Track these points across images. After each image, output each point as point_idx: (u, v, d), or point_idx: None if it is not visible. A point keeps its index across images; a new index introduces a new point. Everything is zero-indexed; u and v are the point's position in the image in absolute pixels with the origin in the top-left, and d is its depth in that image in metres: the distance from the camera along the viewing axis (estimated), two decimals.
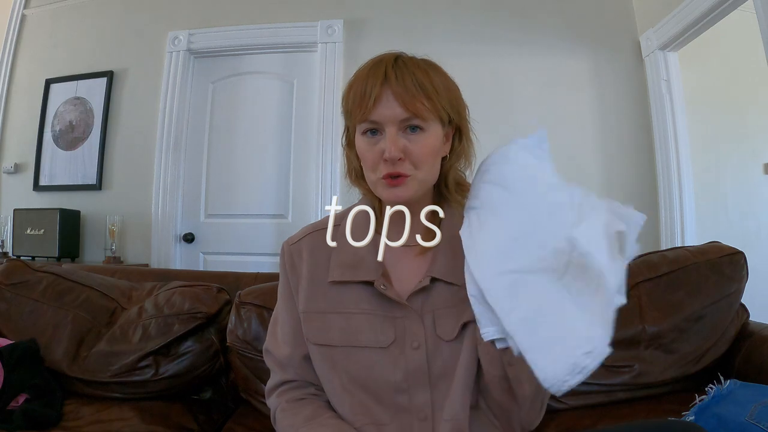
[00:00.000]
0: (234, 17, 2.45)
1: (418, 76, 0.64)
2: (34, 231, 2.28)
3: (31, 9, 2.72)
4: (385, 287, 0.68)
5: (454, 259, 0.70)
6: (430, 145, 0.65)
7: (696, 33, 1.96)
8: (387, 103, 0.63)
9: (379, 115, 0.64)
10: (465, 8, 2.32)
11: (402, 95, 0.63)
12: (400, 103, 0.63)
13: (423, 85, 0.64)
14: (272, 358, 0.76)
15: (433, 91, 0.65)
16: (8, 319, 1.27)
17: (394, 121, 0.64)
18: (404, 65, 0.65)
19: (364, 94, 0.64)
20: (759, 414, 0.86)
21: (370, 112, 0.64)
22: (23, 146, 2.61)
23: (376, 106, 0.63)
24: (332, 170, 2.26)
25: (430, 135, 0.65)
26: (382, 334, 0.68)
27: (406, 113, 0.63)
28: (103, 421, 1.06)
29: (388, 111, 0.63)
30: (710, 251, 1.25)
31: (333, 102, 2.31)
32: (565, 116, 2.24)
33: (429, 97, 0.64)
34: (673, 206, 2.08)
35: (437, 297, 0.69)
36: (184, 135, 2.45)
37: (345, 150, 0.76)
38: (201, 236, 2.43)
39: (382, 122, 0.64)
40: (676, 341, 1.16)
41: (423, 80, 0.64)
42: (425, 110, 0.64)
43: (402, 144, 0.64)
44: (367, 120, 0.65)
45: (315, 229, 0.77)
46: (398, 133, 0.64)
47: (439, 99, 0.65)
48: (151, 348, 1.19)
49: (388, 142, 0.63)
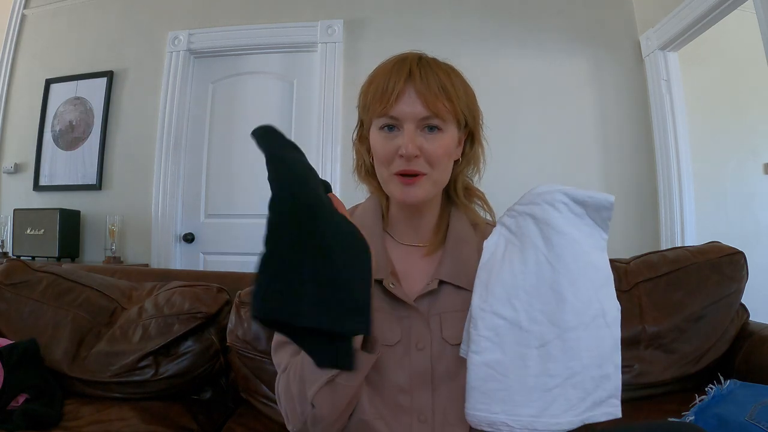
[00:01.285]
0: (234, 17, 2.45)
1: (441, 77, 0.65)
2: (34, 231, 2.28)
3: (31, 9, 2.72)
4: (394, 285, 0.68)
5: (461, 263, 0.71)
6: (446, 146, 0.66)
7: (696, 33, 1.96)
8: (409, 100, 0.64)
9: (400, 112, 0.64)
10: (465, 8, 2.32)
11: (425, 94, 0.64)
12: (422, 102, 0.64)
13: (445, 87, 0.65)
14: (281, 353, 0.72)
15: (454, 94, 0.66)
16: (8, 319, 1.27)
17: (413, 118, 0.64)
18: (428, 65, 0.66)
19: (386, 89, 0.64)
20: (759, 414, 0.86)
21: (391, 108, 0.64)
22: (23, 146, 2.61)
23: (398, 102, 0.64)
24: (332, 170, 2.26)
25: (447, 136, 0.66)
26: (389, 332, 0.68)
27: (427, 112, 0.64)
28: (103, 421, 1.06)
29: (408, 108, 0.64)
30: (710, 251, 1.25)
31: (333, 102, 2.31)
32: (565, 116, 2.24)
33: (450, 99, 0.65)
34: (673, 206, 2.08)
35: (445, 299, 0.69)
36: (184, 135, 2.45)
37: (355, 145, 0.76)
38: (201, 236, 2.43)
39: (402, 119, 0.64)
40: (676, 341, 1.16)
41: (445, 82, 0.65)
42: (445, 111, 0.65)
43: (419, 142, 0.64)
44: (387, 115, 0.65)
45: None
46: (416, 131, 0.65)
47: (459, 102, 0.66)
48: (151, 348, 1.19)
49: (405, 139, 0.64)
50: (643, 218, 2.16)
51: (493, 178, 0.82)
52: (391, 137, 0.66)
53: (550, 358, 0.55)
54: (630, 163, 2.20)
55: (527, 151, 2.20)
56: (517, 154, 2.18)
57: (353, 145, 0.77)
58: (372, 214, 0.75)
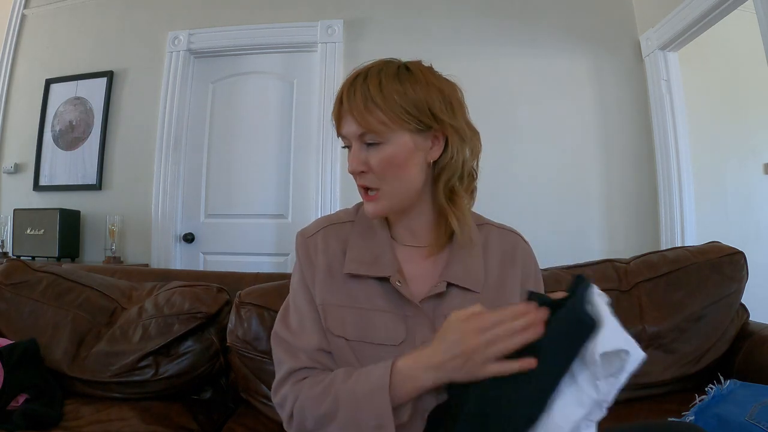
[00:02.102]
0: (234, 17, 2.45)
1: (371, 90, 0.65)
2: (34, 231, 2.28)
3: (31, 9, 2.72)
4: (401, 283, 0.69)
5: (468, 265, 0.71)
6: (389, 157, 0.66)
7: (696, 33, 1.96)
8: (345, 120, 0.68)
9: (345, 132, 0.69)
10: (465, 9, 2.32)
11: (353, 112, 0.66)
12: (354, 119, 0.66)
13: (373, 99, 0.65)
14: (285, 346, 0.72)
15: (385, 103, 0.65)
16: (8, 319, 1.27)
17: (354, 136, 0.68)
18: (363, 80, 0.67)
19: (334, 113, 0.70)
20: (759, 414, 0.86)
21: (340, 129, 0.70)
22: (23, 146, 2.61)
23: (341, 124, 0.69)
24: (332, 170, 2.26)
25: (390, 146, 0.66)
26: (394, 332, 0.68)
27: (360, 129, 0.66)
28: (103, 421, 1.06)
29: (346, 128, 0.68)
30: (710, 251, 1.25)
31: (333, 102, 2.30)
32: (565, 116, 2.24)
33: (380, 109, 0.65)
34: (673, 206, 2.08)
35: (451, 301, 0.69)
36: (184, 135, 2.45)
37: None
38: (201, 236, 2.43)
39: (349, 137, 0.69)
40: (676, 341, 1.16)
41: (375, 93, 0.65)
42: (377, 123, 0.65)
43: (363, 157, 0.67)
44: (339, 136, 0.70)
45: (330, 222, 0.78)
46: (361, 147, 0.68)
47: (394, 108, 0.65)
48: (151, 348, 1.19)
49: (349, 157, 0.69)
50: (643, 218, 2.16)
51: (493, 178, 0.82)
52: (350, 154, 0.70)
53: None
54: (630, 163, 2.20)
55: (527, 151, 2.20)
56: (516, 154, 2.18)
57: None
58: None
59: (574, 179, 2.21)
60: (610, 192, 2.20)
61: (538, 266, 0.79)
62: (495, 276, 0.73)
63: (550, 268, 1.31)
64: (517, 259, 0.75)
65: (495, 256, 0.75)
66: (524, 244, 0.79)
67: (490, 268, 0.73)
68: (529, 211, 2.16)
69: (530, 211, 2.16)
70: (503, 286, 0.72)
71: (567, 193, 2.20)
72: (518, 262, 0.75)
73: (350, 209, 0.80)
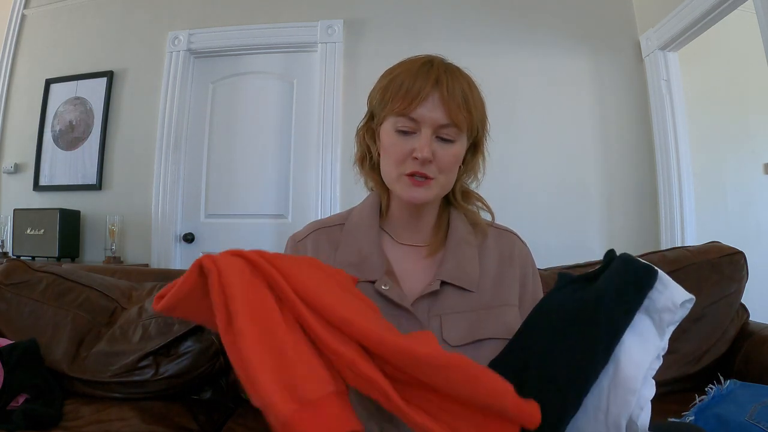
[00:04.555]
0: (234, 17, 2.45)
1: (464, 87, 0.67)
2: (34, 231, 2.28)
3: (31, 9, 2.72)
4: (387, 287, 0.68)
5: (463, 264, 0.71)
6: (457, 155, 0.68)
7: (696, 33, 1.96)
8: (431, 105, 0.65)
9: (420, 115, 0.65)
10: (465, 8, 2.32)
11: (448, 102, 0.64)
12: (444, 109, 0.65)
13: (467, 98, 0.66)
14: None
15: (474, 105, 0.67)
16: (8, 319, 1.27)
17: (432, 124, 0.65)
18: (453, 73, 0.67)
19: (410, 90, 0.65)
20: (759, 414, 0.86)
21: (413, 110, 0.65)
22: (23, 146, 2.61)
23: (421, 105, 0.65)
24: (332, 170, 2.26)
25: (459, 145, 0.68)
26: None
27: (447, 120, 0.65)
28: (103, 421, 1.06)
29: (429, 113, 0.65)
30: (710, 251, 1.25)
31: (333, 102, 2.30)
32: (565, 116, 2.24)
33: (469, 110, 0.66)
34: (673, 206, 2.08)
35: (446, 300, 0.69)
36: (184, 135, 2.45)
37: (363, 137, 0.75)
38: (201, 236, 2.43)
39: (421, 122, 0.65)
40: (676, 341, 1.16)
41: (467, 93, 0.67)
42: (463, 121, 0.66)
43: (433, 147, 0.66)
44: (406, 116, 0.65)
45: (320, 226, 0.77)
46: (432, 136, 0.66)
47: (476, 114, 0.68)
48: (151, 348, 1.19)
49: (422, 142, 0.65)
50: (643, 218, 2.16)
51: (493, 178, 0.82)
52: (406, 138, 0.66)
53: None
54: (630, 163, 2.20)
55: (527, 151, 2.20)
56: (516, 154, 2.18)
57: (357, 134, 0.76)
58: (370, 212, 0.75)
59: (573, 179, 2.21)
60: (610, 192, 2.20)
61: (535, 267, 0.79)
62: (491, 276, 0.73)
63: (550, 268, 1.31)
64: (515, 260, 0.75)
65: (492, 257, 0.74)
66: (521, 244, 0.79)
67: (486, 269, 0.73)
68: (529, 210, 2.16)
69: (530, 211, 2.16)
70: (500, 287, 0.72)
71: (567, 193, 2.20)
72: (516, 263, 0.75)
73: (343, 213, 0.80)
